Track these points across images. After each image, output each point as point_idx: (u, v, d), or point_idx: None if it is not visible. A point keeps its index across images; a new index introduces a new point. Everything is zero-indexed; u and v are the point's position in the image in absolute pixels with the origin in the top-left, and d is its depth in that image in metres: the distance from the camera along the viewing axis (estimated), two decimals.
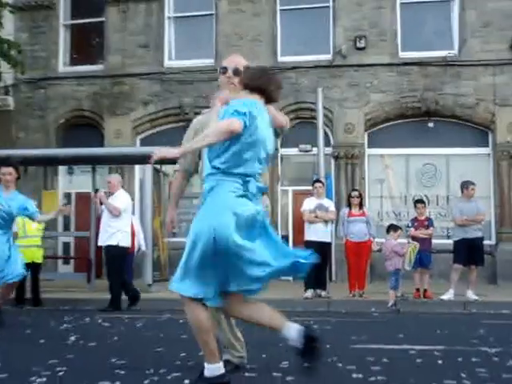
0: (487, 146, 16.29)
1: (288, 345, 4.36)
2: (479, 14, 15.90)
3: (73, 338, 6.80)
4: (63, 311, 9.20)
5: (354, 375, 4.55)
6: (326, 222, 11.44)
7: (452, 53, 16.08)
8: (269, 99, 4.19)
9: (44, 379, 4.36)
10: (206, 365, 4.04)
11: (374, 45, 16.31)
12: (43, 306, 11.05)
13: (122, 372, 4.67)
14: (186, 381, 4.34)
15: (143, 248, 13.00)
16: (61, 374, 4.66)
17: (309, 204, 11.67)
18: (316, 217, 11.37)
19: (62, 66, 18.21)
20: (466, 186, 11.76)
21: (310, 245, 10.85)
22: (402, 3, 16.35)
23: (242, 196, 3.92)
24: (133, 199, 13.54)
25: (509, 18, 15.69)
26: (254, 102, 3.98)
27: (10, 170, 8.49)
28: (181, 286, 3.93)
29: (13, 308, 11.14)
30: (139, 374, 4.53)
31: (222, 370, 4.00)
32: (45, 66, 17.92)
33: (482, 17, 15.85)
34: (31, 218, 8.73)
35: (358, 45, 16.27)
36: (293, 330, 3.98)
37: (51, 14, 17.93)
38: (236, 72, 4.62)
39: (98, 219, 12.08)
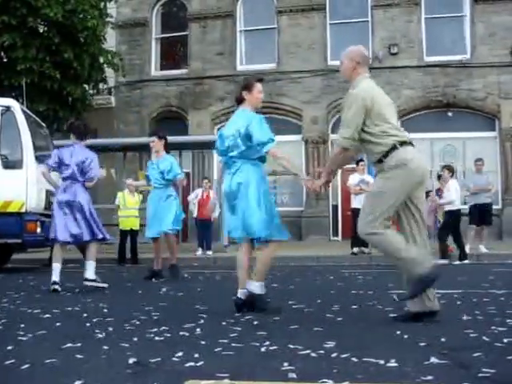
0: (494, 131, 19.70)
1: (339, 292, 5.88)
2: (486, 27, 19.50)
3: (164, 290, 7.56)
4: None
5: (391, 314, 5.08)
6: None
7: (465, 57, 19.70)
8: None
9: (142, 322, 4.79)
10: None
11: (404, 51, 20.00)
12: (140, 264, 12.16)
13: (205, 315, 5.16)
14: (255, 322, 4.83)
15: (216, 215, 14.23)
16: (155, 317, 5.15)
17: (353, 179, 13.59)
18: (360, 189, 13.16)
19: (154, 70, 22.22)
20: (475, 162, 14.39)
21: (356, 211, 12.62)
22: (426, 18, 20.09)
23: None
24: (212, 177, 16.31)
25: (509, 29, 19.22)
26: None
27: (153, 138, 9.57)
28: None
29: (117, 266, 12.43)
30: (218, 318, 4.99)
31: None
32: (140, 71, 21.87)
33: (488, 29, 19.44)
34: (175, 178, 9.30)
35: (392, 51, 20.08)
36: None
37: (145, 29, 22.15)
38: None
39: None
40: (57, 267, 7.58)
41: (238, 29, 21.63)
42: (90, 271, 7.69)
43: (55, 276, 7.52)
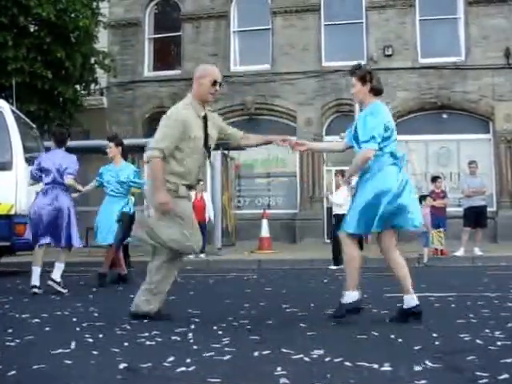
0: (489, 133, 19.60)
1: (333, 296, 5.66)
2: (480, 29, 19.48)
3: None
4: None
5: (387, 319, 5.10)
6: None
7: (460, 59, 19.66)
8: None
9: (133, 326, 4.75)
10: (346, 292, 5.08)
11: (399, 52, 19.92)
12: (132, 267, 11.31)
13: (197, 320, 5.15)
14: (248, 326, 4.84)
15: (212, 218, 14.83)
16: (145, 321, 5.14)
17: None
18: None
19: (147, 71, 21.94)
20: (469, 164, 14.41)
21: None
22: (420, 19, 20.01)
23: None
24: (205, 179, 16.34)
25: (503, 32, 19.22)
26: None
27: (109, 144, 9.22)
28: None
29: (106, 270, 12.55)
30: (210, 322, 4.97)
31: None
32: (132, 72, 21.66)
33: (482, 31, 19.43)
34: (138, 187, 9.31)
35: (386, 52, 19.95)
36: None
37: (138, 29, 21.95)
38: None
39: None
40: (36, 270, 7.68)
41: (231, 29, 21.51)
42: (57, 273, 7.84)
43: (35, 280, 7.63)
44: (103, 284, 8.86)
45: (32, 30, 16.52)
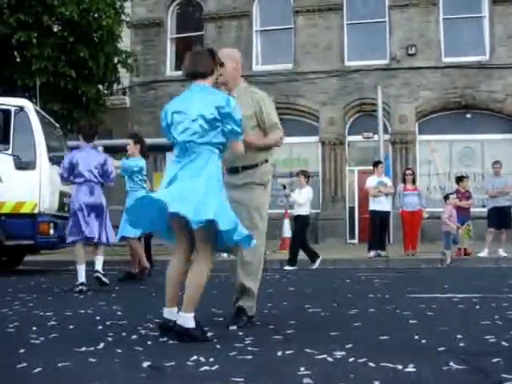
0: None
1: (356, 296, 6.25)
2: (505, 28, 19.49)
3: (180, 293, 8.06)
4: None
5: (411, 321, 5.01)
6: (386, 195, 13.37)
7: (484, 58, 19.66)
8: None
9: (154, 325, 4.75)
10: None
11: (422, 52, 19.96)
12: (155, 266, 11.09)
13: (220, 319, 5.22)
14: (271, 326, 4.57)
15: None
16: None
17: (371, 181, 13.56)
18: (379, 191, 13.26)
19: (169, 71, 22.28)
20: (493, 164, 14.39)
21: (374, 214, 13.38)
22: (444, 18, 20.05)
23: None
24: None
25: None
26: None
27: (129, 141, 9.52)
28: None
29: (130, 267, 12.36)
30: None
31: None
32: (155, 72, 21.97)
33: (506, 30, 19.43)
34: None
35: (410, 52, 20.03)
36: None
37: (160, 30, 22.22)
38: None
39: None
40: (81, 268, 7.83)
41: (254, 29, 21.65)
42: (99, 264, 8.08)
43: (81, 277, 7.78)
44: (145, 278, 9.24)
45: (56, 29, 16.67)
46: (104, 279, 7.99)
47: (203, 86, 4.52)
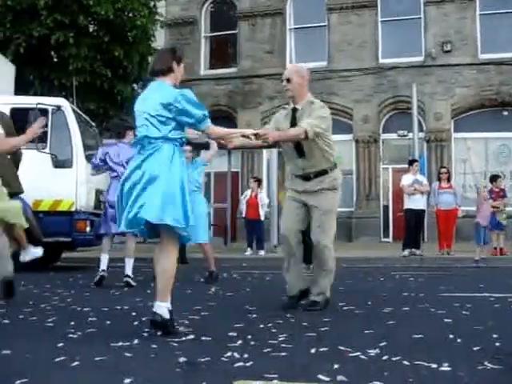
0: None
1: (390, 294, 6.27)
2: None
3: (213, 290, 7.59)
4: (205, 268, 9.29)
5: (445, 320, 4.96)
6: (421, 193, 13.35)
7: None
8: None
9: (189, 321, 4.79)
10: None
11: (458, 48, 19.80)
12: (189, 264, 11.85)
13: (254, 316, 5.23)
14: (305, 323, 4.77)
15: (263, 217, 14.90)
16: (204, 317, 5.21)
17: (406, 180, 13.54)
18: (414, 189, 13.27)
19: (203, 69, 22.41)
20: None
21: (409, 212, 13.37)
22: (481, 14, 19.82)
23: None
24: (261, 177, 17.04)
25: None
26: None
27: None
28: None
29: None
30: (267, 318, 4.96)
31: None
32: (189, 70, 20.44)
33: None
34: None
35: (445, 48, 19.89)
36: None
37: (194, 28, 22.39)
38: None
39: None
40: (104, 257, 8.16)
41: (287, 27, 21.67)
42: (129, 269, 8.17)
43: (103, 265, 8.12)
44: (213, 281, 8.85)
45: (91, 29, 16.94)
46: (133, 283, 8.07)
47: (159, 82, 4.67)
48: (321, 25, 21.38)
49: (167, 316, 4.36)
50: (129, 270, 8.16)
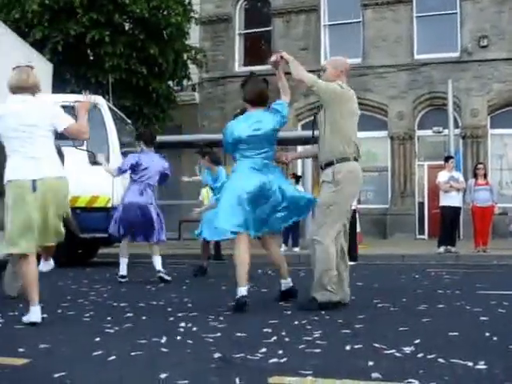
0: None
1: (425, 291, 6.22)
2: None
3: (248, 286, 6.72)
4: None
5: (482, 318, 4.94)
6: (457, 190, 13.23)
7: None
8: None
9: (224, 318, 4.86)
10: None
11: (494, 43, 19.50)
12: (224, 260, 11.84)
13: (289, 312, 5.27)
14: (340, 320, 4.58)
15: None
16: (239, 313, 5.21)
17: (442, 176, 13.38)
18: (450, 186, 13.14)
19: (238, 66, 22.40)
20: None
21: (445, 209, 13.21)
22: None
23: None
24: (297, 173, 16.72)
25: None
26: None
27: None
28: None
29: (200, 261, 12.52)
30: (302, 315, 4.96)
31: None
32: (223, 67, 22.12)
33: None
34: None
35: (481, 43, 19.59)
36: None
37: (228, 25, 22.37)
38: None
39: None
40: (123, 261, 8.27)
41: (322, 23, 21.56)
42: (159, 264, 8.25)
43: (122, 270, 8.22)
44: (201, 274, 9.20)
45: (127, 27, 17.16)
46: (166, 277, 8.14)
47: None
48: (355, 21, 21.22)
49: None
50: (158, 266, 8.23)
